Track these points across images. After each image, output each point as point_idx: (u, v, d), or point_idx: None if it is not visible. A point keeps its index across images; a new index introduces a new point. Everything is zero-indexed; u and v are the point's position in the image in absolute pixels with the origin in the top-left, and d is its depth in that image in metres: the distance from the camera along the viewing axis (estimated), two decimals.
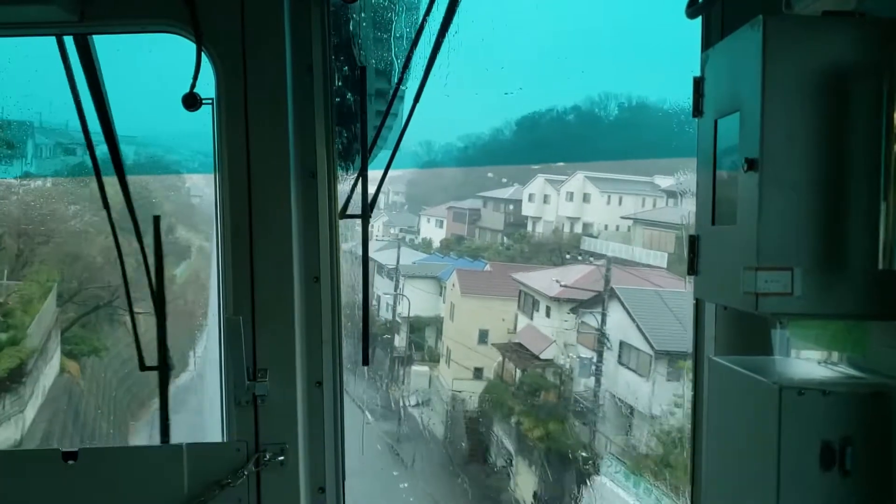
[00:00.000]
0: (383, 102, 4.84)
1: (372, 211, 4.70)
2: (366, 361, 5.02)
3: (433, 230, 43.70)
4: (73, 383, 25.79)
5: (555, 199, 39.38)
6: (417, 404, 33.66)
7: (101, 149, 4.72)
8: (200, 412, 20.67)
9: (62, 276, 25.28)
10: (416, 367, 35.83)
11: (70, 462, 4.34)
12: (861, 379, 3.30)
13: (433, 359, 36.48)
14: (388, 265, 38.15)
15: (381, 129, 4.82)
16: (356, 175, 4.65)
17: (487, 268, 37.64)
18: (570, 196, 39.03)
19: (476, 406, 32.18)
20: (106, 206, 4.81)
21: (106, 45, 4.56)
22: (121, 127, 4.65)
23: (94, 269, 24.66)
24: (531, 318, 33.73)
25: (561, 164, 38.86)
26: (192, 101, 4.21)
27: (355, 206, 4.59)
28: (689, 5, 3.96)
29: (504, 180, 40.63)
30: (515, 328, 34.34)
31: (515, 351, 32.91)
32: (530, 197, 40.15)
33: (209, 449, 4.46)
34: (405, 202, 46.24)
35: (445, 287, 37.04)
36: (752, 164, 3.04)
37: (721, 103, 3.42)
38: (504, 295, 34.24)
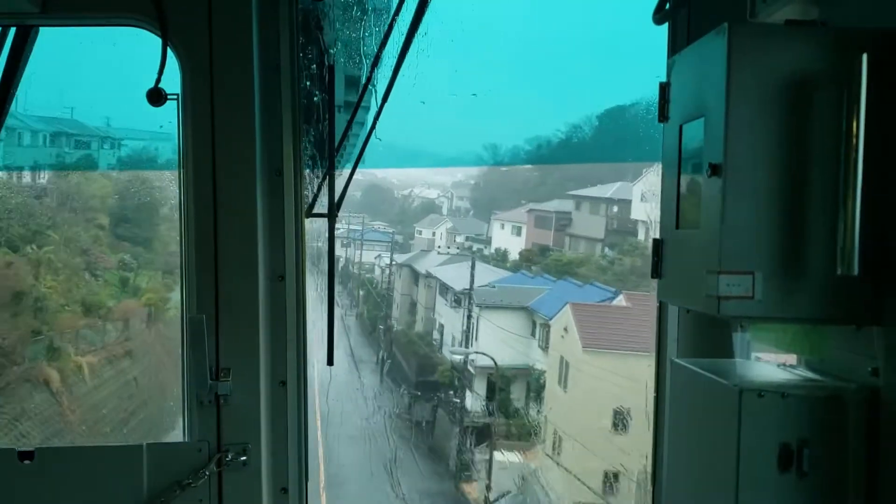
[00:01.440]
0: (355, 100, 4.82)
1: (339, 210, 4.67)
2: (330, 362, 4.99)
3: (508, 238, 35.19)
4: None
5: None
6: None
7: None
8: None
9: None
10: (502, 454, 22.80)
11: (26, 462, 4.26)
12: (818, 382, 3.37)
13: (525, 437, 24.04)
14: (455, 286, 29.74)
15: (349, 129, 4.81)
16: (323, 173, 4.64)
17: (622, 300, 23.83)
18: None
19: None
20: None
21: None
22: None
23: None
24: None
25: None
26: (156, 97, 4.15)
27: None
28: (657, 11, 4.00)
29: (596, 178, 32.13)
30: None
31: None
32: (643, 196, 27.35)
33: (170, 449, 4.40)
34: (470, 207, 41.48)
35: (547, 326, 25.23)
36: (715, 170, 3.08)
37: (686, 109, 3.46)
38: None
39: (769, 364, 3.75)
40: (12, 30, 4.33)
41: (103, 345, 21.46)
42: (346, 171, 4.88)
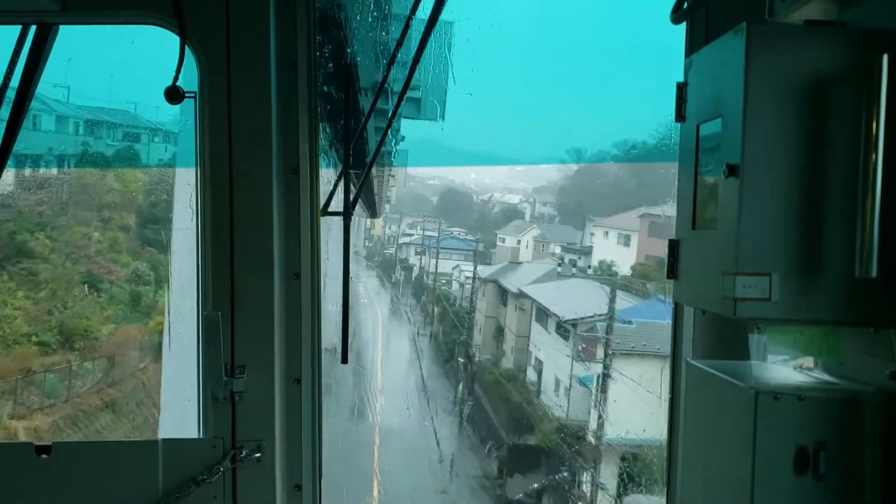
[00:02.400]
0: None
1: (353, 209, 4.69)
2: (345, 360, 5.01)
3: (613, 249, 29.01)
4: None
5: None
6: None
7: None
8: None
9: None
10: None
11: (43, 456, 4.30)
12: (835, 384, 3.34)
13: None
14: (559, 311, 22.35)
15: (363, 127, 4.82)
16: (339, 172, 4.65)
17: None
18: None
19: None
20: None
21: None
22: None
23: None
24: None
25: None
26: (174, 95, 4.18)
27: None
28: (674, 11, 3.99)
29: None
30: None
31: None
32: None
33: (185, 445, 4.43)
34: (556, 213, 38.35)
35: None
36: (732, 170, 3.07)
37: (703, 109, 3.44)
38: None
39: (786, 366, 3.72)
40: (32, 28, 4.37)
41: (67, 396, 14.41)
42: (387, 170, 4.90)
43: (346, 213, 4.63)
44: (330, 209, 4.64)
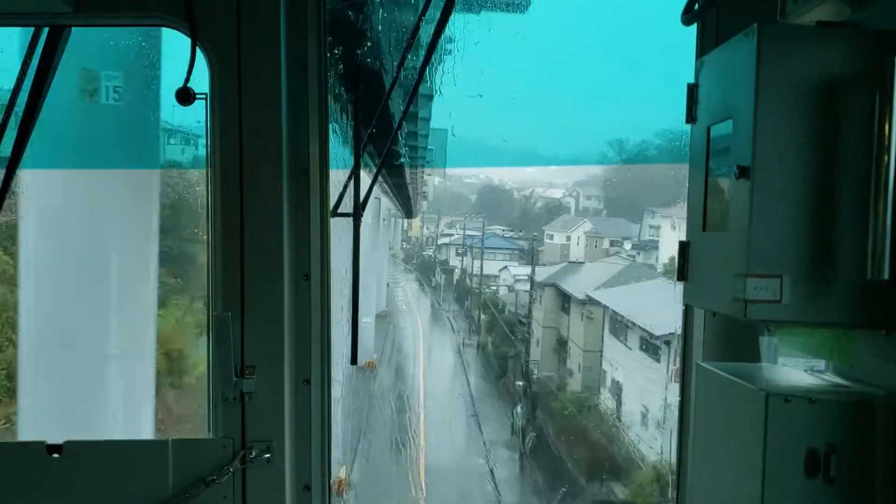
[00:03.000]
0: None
1: (363, 210, 4.70)
2: (354, 361, 5.02)
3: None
4: None
5: None
6: None
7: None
8: None
9: None
10: None
11: (55, 455, 4.32)
12: (847, 387, 3.33)
13: None
14: (645, 324, 17.71)
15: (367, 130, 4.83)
16: (349, 173, 4.65)
17: None
18: None
19: None
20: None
21: None
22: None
23: None
24: None
25: None
26: (185, 96, 4.20)
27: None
28: (685, 12, 3.98)
29: None
30: None
31: None
32: None
33: (195, 445, 4.44)
34: (602, 207, 36.25)
35: None
36: (743, 172, 3.06)
37: (714, 110, 3.44)
38: None
39: (796, 369, 3.71)
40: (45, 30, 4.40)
41: None
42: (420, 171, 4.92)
43: (356, 214, 4.64)
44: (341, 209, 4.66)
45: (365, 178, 4.78)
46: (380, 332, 33.73)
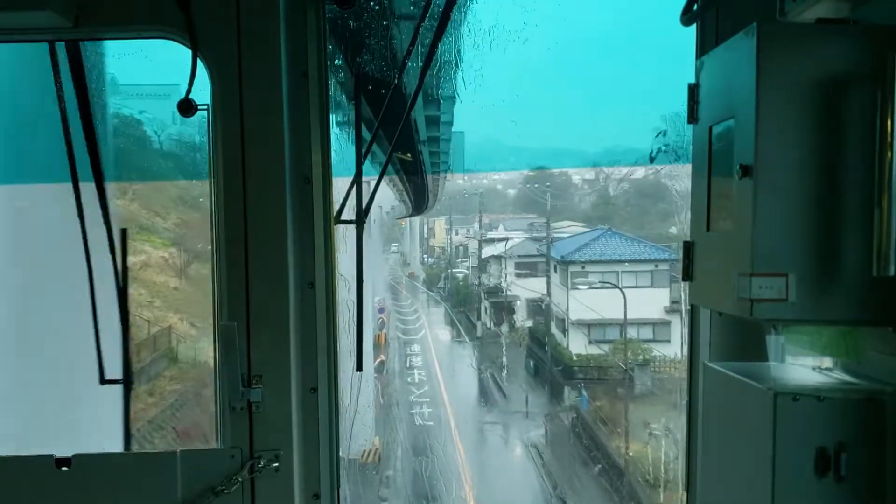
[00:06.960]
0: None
1: (366, 217, 4.70)
2: (359, 367, 5.01)
3: None
4: None
5: None
6: None
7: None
8: None
9: None
10: None
11: (63, 468, 4.32)
12: (856, 385, 3.31)
13: None
14: None
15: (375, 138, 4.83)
16: (351, 180, 4.66)
17: None
18: None
19: None
20: (80, 215, 4.89)
21: None
22: None
23: None
24: None
25: None
26: (187, 107, 4.21)
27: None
28: (685, 12, 3.98)
29: None
30: None
31: None
32: None
33: (203, 455, 4.44)
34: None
35: None
36: (746, 171, 3.06)
37: (716, 110, 3.43)
38: None
39: (804, 367, 3.70)
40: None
41: None
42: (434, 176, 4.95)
43: (359, 221, 4.64)
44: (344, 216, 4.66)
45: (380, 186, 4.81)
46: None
